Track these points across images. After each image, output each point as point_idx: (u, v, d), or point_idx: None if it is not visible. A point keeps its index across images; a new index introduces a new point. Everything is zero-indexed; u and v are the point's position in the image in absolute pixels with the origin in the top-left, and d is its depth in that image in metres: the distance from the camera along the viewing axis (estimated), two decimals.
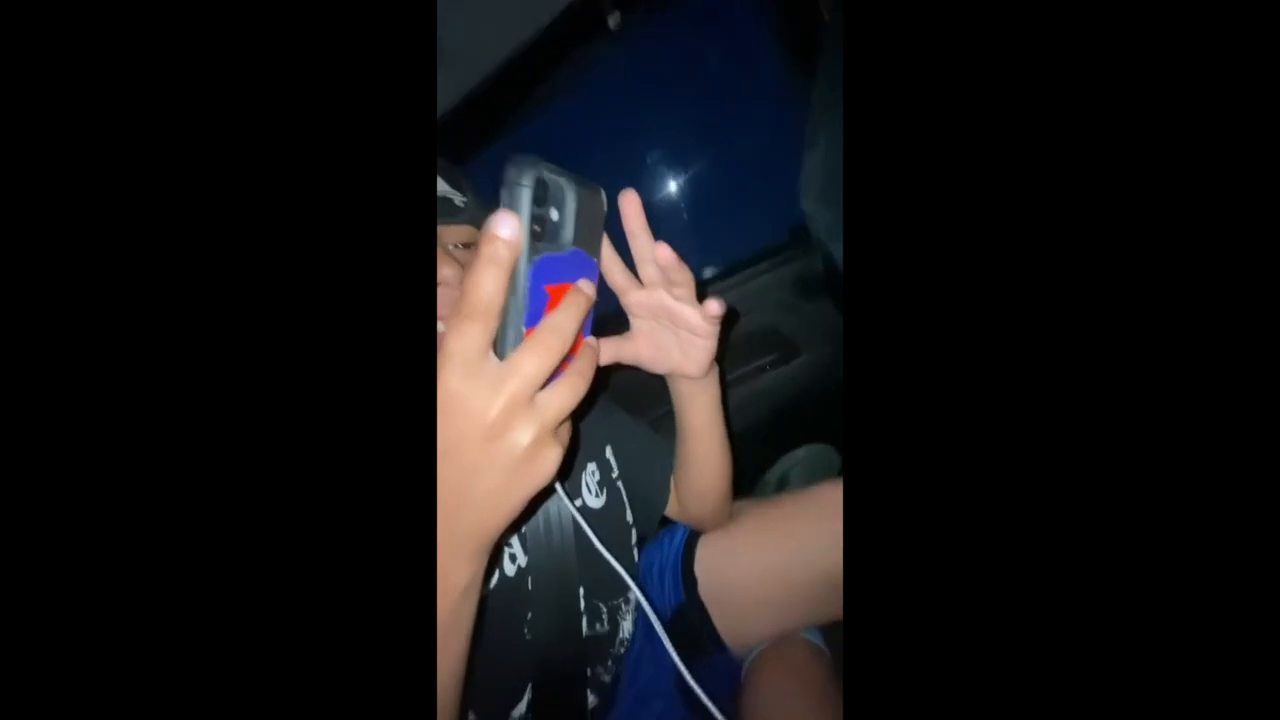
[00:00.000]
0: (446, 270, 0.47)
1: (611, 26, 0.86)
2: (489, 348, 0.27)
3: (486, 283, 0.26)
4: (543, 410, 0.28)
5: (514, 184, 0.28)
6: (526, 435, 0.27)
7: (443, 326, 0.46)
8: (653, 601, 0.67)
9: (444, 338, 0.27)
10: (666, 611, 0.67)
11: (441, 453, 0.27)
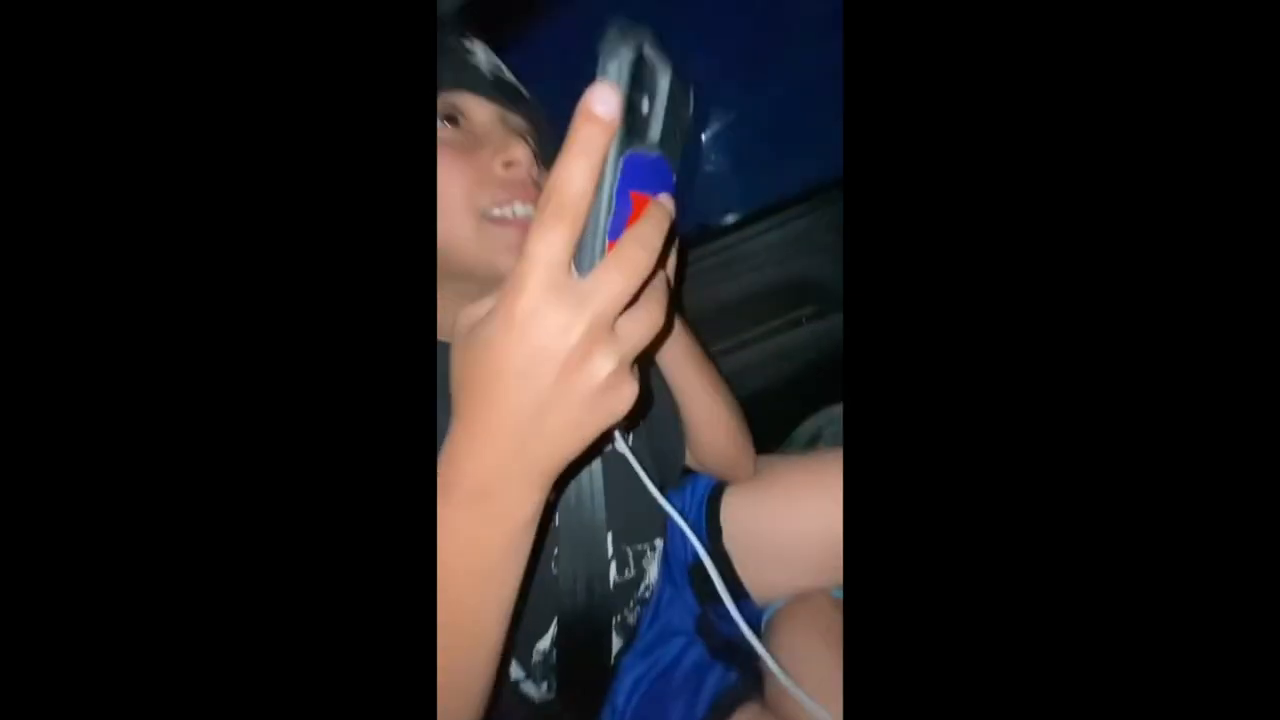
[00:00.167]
0: (519, 152, 0.44)
1: None
2: (572, 257, 0.23)
3: (578, 176, 0.22)
4: (623, 339, 0.25)
5: (614, 54, 0.22)
6: (607, 366, 0.24)
7: (500, 210, 0.43)
8: (675, 548, 0.66)
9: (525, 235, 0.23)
10: (689, 557, 0.66)
11: (514, 374, 0.24)
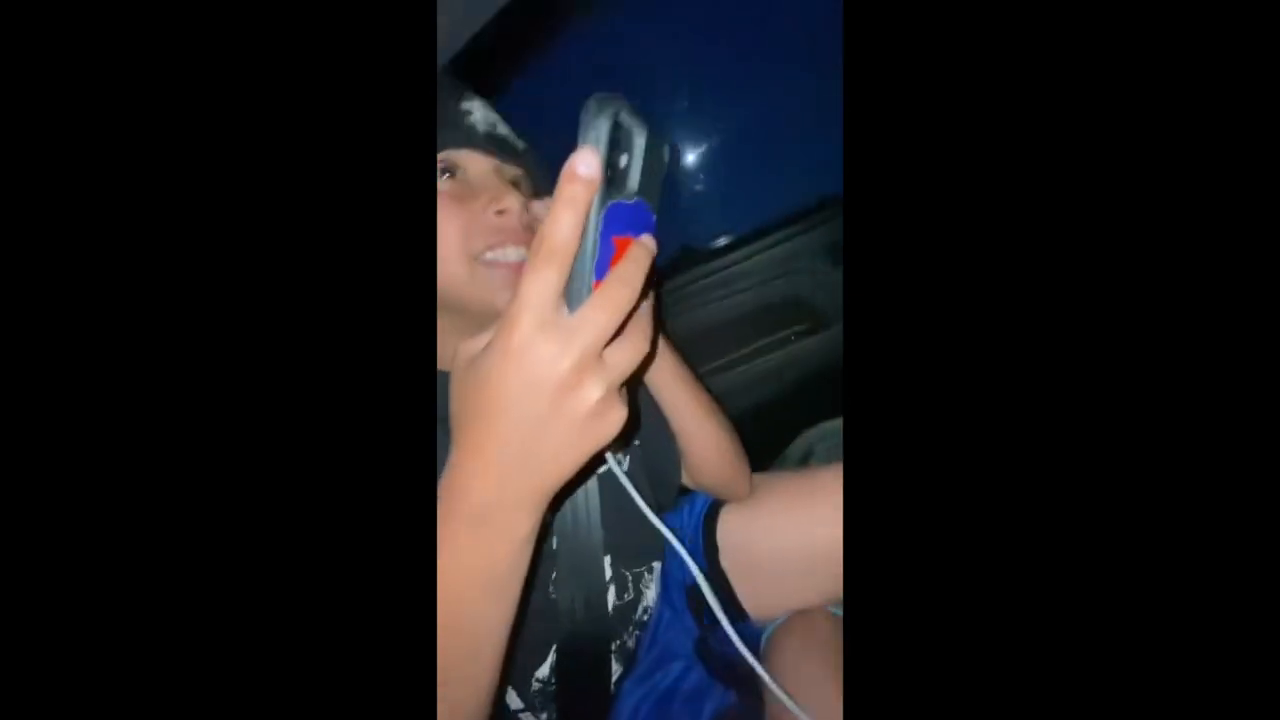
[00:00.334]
0: (512, 200, 0.48)
1: None
2: (562, 296, 0.25)
3: (564, 226, 0.25)
4: (610, 368, 0.27)
5: (593, 123, 0.26)
6: (596, 392, 0.26)
7: (494, 254, 0.47)
8: (672, 569, 0.66)
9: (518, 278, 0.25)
10: (687, 579, 0.66)
11: (509, 401, 0.26)
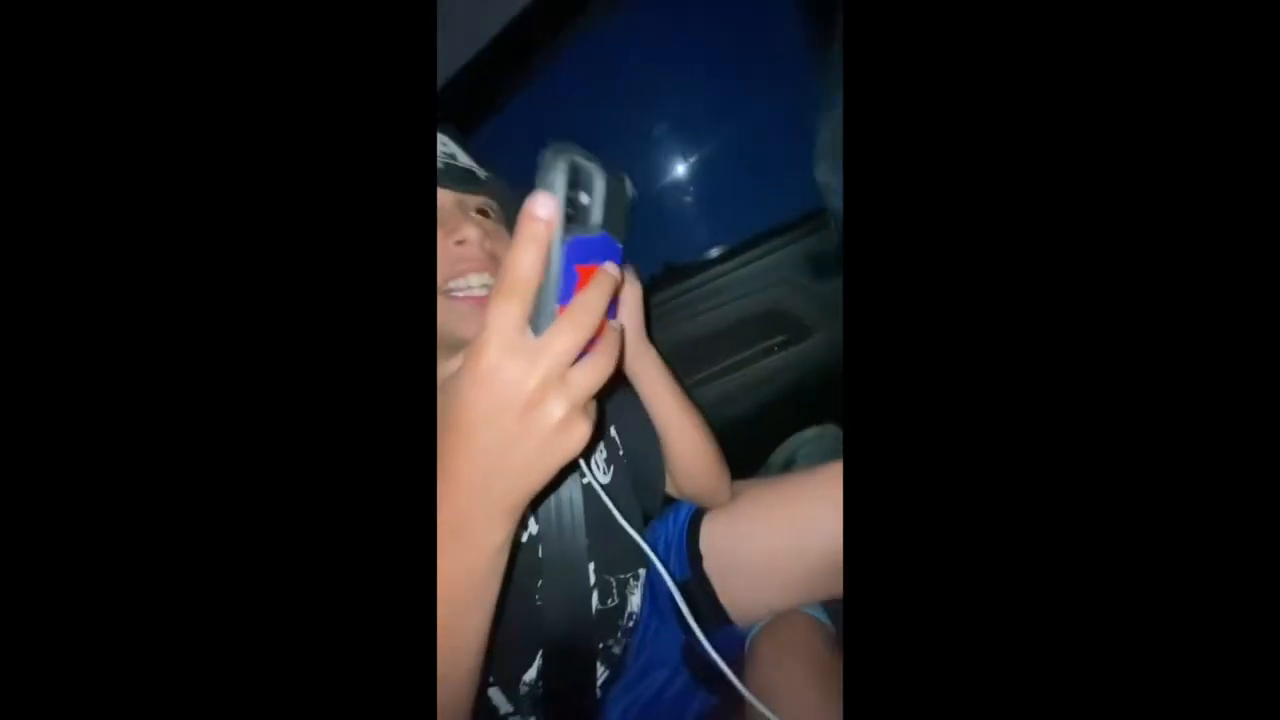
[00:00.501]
0: (470, 230, 0.51)
1: None
2: (526, 323, 0.28)
3: (526, 261, 0.27)
4: (574, 386, 0.29)
5: (550, 168, 0.29)
6: (559, 409, 0.28)
7: (457, 284, 0.50)
8: (659, 579, 0.68)
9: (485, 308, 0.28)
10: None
11: (479, 420, 0.28)
